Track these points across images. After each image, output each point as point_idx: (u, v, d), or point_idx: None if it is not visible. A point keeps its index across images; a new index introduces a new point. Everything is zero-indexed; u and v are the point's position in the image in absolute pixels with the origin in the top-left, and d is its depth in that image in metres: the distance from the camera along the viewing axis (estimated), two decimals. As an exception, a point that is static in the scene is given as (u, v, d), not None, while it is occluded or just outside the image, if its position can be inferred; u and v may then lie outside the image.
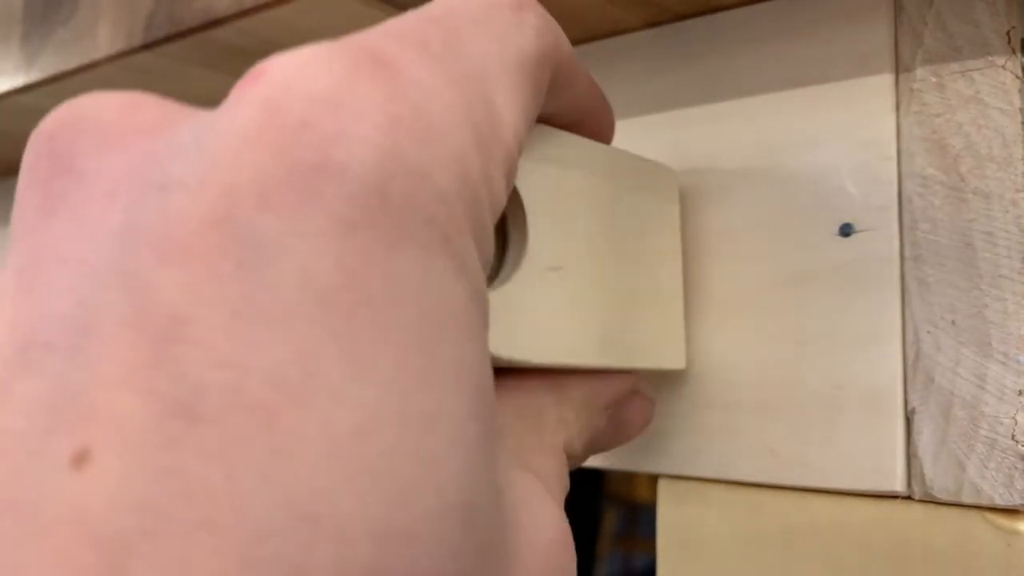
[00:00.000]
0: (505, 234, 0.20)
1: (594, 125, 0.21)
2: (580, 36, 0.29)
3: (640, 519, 1.89)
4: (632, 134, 0.27)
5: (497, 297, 0.18)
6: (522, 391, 0.19)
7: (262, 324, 0.11)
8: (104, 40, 0.32)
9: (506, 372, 0.19)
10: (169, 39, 0.30)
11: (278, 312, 0.11)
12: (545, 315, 0.19)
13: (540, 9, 0.17)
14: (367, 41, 0.13)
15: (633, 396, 0.23)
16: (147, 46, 0.31)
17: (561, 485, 0.18)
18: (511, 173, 0.15)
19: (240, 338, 0.11)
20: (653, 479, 0.26)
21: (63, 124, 0.14)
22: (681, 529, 0.25)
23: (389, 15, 0.30)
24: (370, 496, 0.11)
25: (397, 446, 0.11)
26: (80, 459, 0.10)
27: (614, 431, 0.22)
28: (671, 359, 0.24)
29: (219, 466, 0.10)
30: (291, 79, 0.12)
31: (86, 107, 0.14)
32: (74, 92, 0.14)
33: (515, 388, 0.19)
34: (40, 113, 0.14)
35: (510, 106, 0.15)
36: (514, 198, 0.19)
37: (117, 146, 0.13)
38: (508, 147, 0.14)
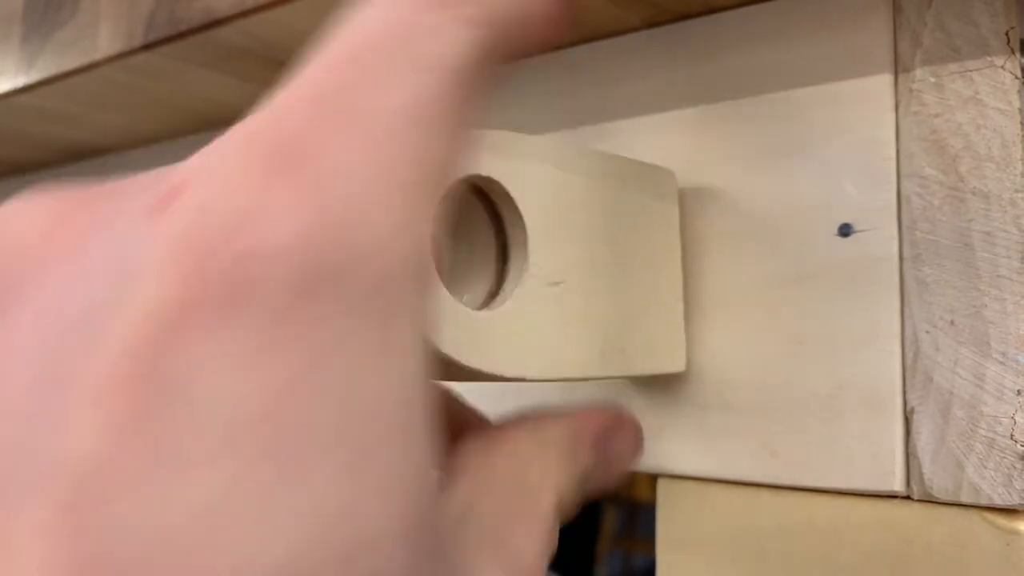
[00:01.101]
0: (506, 250, 0.20)
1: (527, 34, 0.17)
2: (580, 36, 0.29)
3: (640, 519, 1.89)
4: (632, 134, 0.27)
5: (497, 316, 0.18)
6: (501, 448, 0.18)
7: (184, 464, 0.11)
8: (104, 40, 0.32)
9: (480, 431, 0.19)
10: (169, 39, 0.30)
11: (200, 451, 0.11)
12: (545, 331, 0.19)
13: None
14: (279, 131, 0.12)
15: (619, 426, 0.21)
16: (147, 46, 0.31)
17: (546, 550, 0.17)
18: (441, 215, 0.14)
19: (162, 482, 0.10)
20: (653, 479, 0.26)
21: None
22: (680, 529, 0.25)
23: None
24: None
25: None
26: None
27: (605, 467, 0.21)
28: (671, 362, 0.24)
29: None
30: (209, 197, 0.12)
31: (5, 226, 0.14)
32: (74, 92, 0.14)
33: (493, 447, 0.18)
34: (40, 113, 0.14)
35: (436, 146, 0.14)
36: (515, 215, 0.19)
37: (39, 273, 0.13)
38: (433, 194, 0.14)
